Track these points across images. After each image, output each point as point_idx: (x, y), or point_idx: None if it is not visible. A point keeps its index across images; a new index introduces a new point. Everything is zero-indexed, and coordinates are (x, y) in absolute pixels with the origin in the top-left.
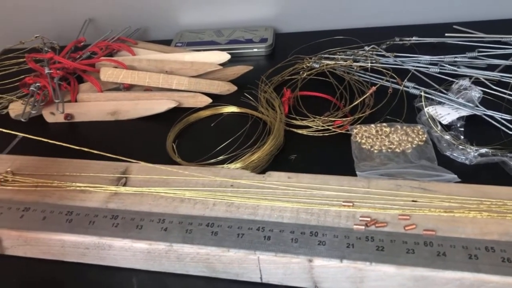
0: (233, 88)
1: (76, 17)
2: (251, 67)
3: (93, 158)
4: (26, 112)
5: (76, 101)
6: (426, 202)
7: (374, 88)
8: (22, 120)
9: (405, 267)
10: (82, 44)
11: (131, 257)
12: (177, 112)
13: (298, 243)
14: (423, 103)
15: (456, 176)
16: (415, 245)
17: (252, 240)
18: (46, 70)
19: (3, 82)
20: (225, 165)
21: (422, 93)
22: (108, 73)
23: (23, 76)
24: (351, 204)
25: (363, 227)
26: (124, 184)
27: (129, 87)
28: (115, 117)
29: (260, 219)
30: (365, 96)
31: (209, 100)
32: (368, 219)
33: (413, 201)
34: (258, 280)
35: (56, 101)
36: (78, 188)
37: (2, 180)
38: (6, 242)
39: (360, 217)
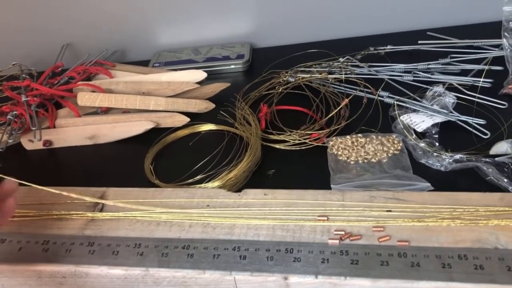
0: (211, 106)
1: (54, 43)
2: (228, 84)
3: (72, 184)
4: (3, 141)
5: (54, 127)
6: (400, 213)
7: (346, 100)
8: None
9: (380, 280)
10: (60, 69)
11: (108, 284)
12: (156, 133)
13: (274, 261)
14: (396, 112)
15: (429, 184)
16: (389, 256)
17: (228, 261)
18: (23, 98)
19: None
20: (203, 184)
21: (395, 102)
22: (85, 98)
23: (0, 105)
24: (325, 218)
25: (338, 241)
26: (101, 210)
27: (107, 110)
28: (93, 141)
29: (236, 238)
30: (338, 108)
31: (187, 119)
32: (343, 232)
33: (387, 211)
34: None
35: (33, 128)
36: (55, 216)
37: None
38: None
39: (335, 231)
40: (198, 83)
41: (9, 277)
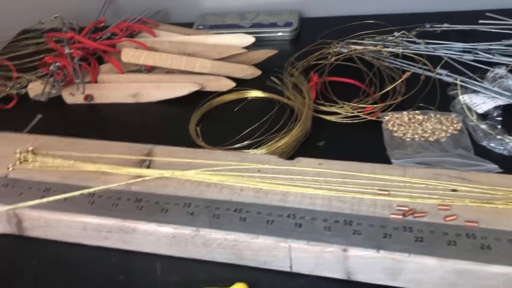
0: (257, 72)
1: None
2: (276, 51)
3: (114, 140)
4: (45, 92)
5: (96, 82)
6: (466, 193)
7: (408, 73)
8: (42, 100)
9: (447, 260)
10: (102, 25)
11: (155, 242)
12: (200, 96)
13: (332, 232)
14: (458, 91)
15: (497, 166)
16: (456, 236)
17: (283, 227)
18: (66, 50)
19: (22, 61)
20: (250, 150)
21: (458, 81)
22: (130, 54)
23: (42, 56)
24: (387, 192)
25: (401, 216)
26: (148, 167)
27: (150, 69)
28: (136, 100)
29: (290, 206)
30: (398, 82)
31: (233, 84)
32: (406, 208)
33: (452, 190)
34: (287, 269)
35: (77, 81)
36: (100, 170)
37: (22, 159)
38: (27, 222)
39: (397, 206)
40: (244, 48)
41: (53, 227)
